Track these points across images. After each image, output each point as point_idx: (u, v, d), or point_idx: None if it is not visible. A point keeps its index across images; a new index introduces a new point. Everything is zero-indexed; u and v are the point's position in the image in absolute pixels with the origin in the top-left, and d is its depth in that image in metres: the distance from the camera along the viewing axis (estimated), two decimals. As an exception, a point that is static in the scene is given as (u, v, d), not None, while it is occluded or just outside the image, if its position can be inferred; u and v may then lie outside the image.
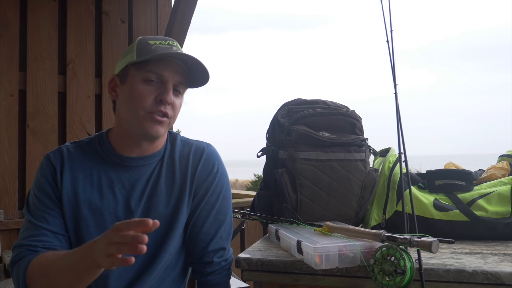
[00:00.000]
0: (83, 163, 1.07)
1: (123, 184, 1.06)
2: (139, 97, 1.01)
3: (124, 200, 1.06)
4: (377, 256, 0.93)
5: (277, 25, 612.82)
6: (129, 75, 1.03)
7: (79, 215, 1.04)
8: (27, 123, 2.54)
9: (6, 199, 2.45)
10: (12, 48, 2.51)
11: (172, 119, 1.05)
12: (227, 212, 1.15)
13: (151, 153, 1.10)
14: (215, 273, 1.12)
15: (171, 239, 1.08)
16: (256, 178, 13.87)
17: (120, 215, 1.05)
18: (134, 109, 1.01)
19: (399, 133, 1.08)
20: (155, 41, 1.05)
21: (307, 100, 1.39)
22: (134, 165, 1.08)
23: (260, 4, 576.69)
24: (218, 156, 1.17)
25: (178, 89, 1.05)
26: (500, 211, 1.19)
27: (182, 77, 1.05)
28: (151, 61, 1.01)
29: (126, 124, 1.06)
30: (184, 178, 1.10)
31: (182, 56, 1.02)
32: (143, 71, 1.01)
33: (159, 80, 1.02)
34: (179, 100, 1.06)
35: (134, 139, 1.06)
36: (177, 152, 1.13)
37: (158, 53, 1.00)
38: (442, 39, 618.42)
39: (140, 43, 1.05)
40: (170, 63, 1.02)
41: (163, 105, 1.01)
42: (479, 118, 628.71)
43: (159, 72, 1.01)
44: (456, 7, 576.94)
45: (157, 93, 1.01)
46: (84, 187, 1.05)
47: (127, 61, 1.03)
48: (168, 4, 3.08)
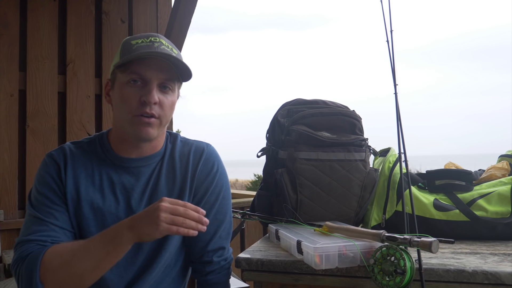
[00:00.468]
0: (84, 163, 1.07)
1: (123, 185, 1.07)
2: (125, 100, 1.00)
3: (125, 201, 1.06)
4: (377, 256, 0.93)
5: (278, 25, 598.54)
6: (116, 78, 1.03)
7: (81, 214, 1.04)
8: (27, 123, 2.54)
9: (6, 199, 2.46)
10: (12, 48, 2.51)
11: (162, 118, 1.03)
12: (226, 212, 1.15)
13: (150, 154, 1.10)
14: (214, 272, 1.13)
15: (171, 238, 1.08)
16: (256, 178, 13.87)
17: (121, 215, 1.05)
18: (123, 113, 1.01)
19: (399, 133, 1.08)
20: (137, 40, 1.03)
21: (307, 100, 1.39)
22: (134, 166, 1.08)
23: (260, 4, 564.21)
24: (217, 156, 1.17)
25: (167, 85, 1.02)
26: (500, 211, 1.19)
27: (168, 74, 1.02)
28: (133, 61, 0.99)
29: (121, 128, 1.06)
30: (184, 178, 1.10)
31: (160, 54, 0.99)
32: (127, 73, 1.00)
33: (142, 80, 1.00)
34: (169, 97, 1.03)
35: (131, 141, 1.06)
36: (177, 152, 1.13)
37: (138, 52, 0.98)
38: (442, 39, 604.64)
39: (123, 45, 1.04)
40: (152, 61, 1.00)
41: (148, 105, 0.99)
42: (479, 118, 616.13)
43: (140, 72, 0.99)
44: (456, 7, 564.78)
45: (141, 94, 0.99)
46: (86, 186, 1.05)
47: (113, 65, 1.03)
48: (168, 4, 3.09)
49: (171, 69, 1.02)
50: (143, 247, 1.06)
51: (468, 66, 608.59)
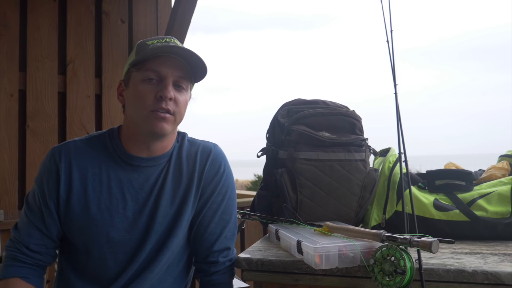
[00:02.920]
0: (91, 160, 1.08)
1: (132, 185, 1.07)
2: (141, 97, 1.02)
3: (133, 200, 1.07)
4: (377, 256, 0.93)
5: (280, 25, 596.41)
6: (131, 77, 1.05)
7: (88, 214, 1.05)
8: (27, 123, 2.54)
9: (6, 199, 2.45)
10: (12, 48, 2.50)
11: (177, 115, 1.05)
12: (232, 212, 1.16)
13: (160, 154, 1.10)
14: (219, 272, 1.13)
15: (174, 237, 1.09)
16: (256, 178, 13.87)
17: (129, 215, 1.07)
18: (138, 110, 1.03)
19: (399, 133, 1.08)
20: (152, 40, 1.06)
21: (307, 100, 1.39)
22: (144, 165, 1.09)
23: (263, 4, 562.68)
24: (224, 156, 1.18)
25: (181, 85, 1.05)
26: (500, 211, 1.19)
27: (182, 72, 1.05)
28: (149, 59, 1.02)
29: (133, 126, 1.07)
30: (191, 177, 1.11)
31: (177, 50, 1.02)
32: (142, 71, 1.02)
33: (158, 77, 1.02)
34: (182, 96, 1.06)
35: (143, 140, 1.07)
36: (185, 151, 1.14)
37: (155, 48, 1.01)
38: (442, 39, 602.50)
39: (139, 46, 1.07)
40: (167, 59, 1.02)
41: (164, 101, 1.01)
42: (479, 118, 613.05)
43: (156, 69, 1.02)
44: (456, 7, 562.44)
45: (157, 91, 1.02)
46: (94, 186, 1.06)
47: (128, 64, 1.05)
48: (168, 4, 3.08)
49: (186, 68, 1.05)
50: (145, 245, 1.07)
51: (468, 66, 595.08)
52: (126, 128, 1.11)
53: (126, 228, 1.06)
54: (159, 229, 1.08)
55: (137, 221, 1.07)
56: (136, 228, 1.07)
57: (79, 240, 1.07)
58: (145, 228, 1.07)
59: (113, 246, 1.06)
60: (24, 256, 1.07)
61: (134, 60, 1.03)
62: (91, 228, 1.05)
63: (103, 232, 1.05)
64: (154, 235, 1.08)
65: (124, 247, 1.07)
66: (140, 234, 1.07)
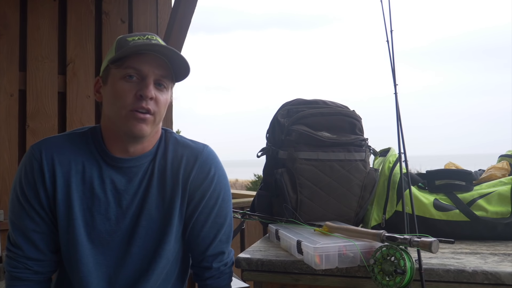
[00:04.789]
0: (74, 156, 1.03)
1: (114, 185, 1.03)
2: (120, 95, 0.97)
3: (115, 201, 1.03)
4: (377, 256, 0.93)
5: (281, 25, 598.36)
6: (110, 74, 1.00)
7: (72, 213, 1.01)
8: (27, 123, 2.54)
9: (6, 199, 2.45)
10: (12, 48, 2.50)
11: (157, 116, 1.00)
12: (226, 215, 1.12)
13: (142, 153, 1.05)
14: (213, 278, 1.11)
15: (166, 244, 1.05)
16: (256, 178, 13.86)
17: (111, 216, 1.03)
18: (117, 108, 0.98)
19: (399, 133, 1.08)
20: (133, 37, 1.02)
21: (307, 100, 1.39)
22: (127, 166, 1.04)
23: (265, 3, 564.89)
24: (214, 158, 1.12)
25: (162, 83, 1.00)
26: (500, 211, 1.19)
27: (164, 71, 1.00)
28: (129, 56, 0.97)
29: (112, 125, 1.02)
30: (175, 181, 1.06)
31: (159, 48, 0.97)
32: (122, 68, 0.97)
33: (139, 75, 0.98)
34: (163, 95, 1.01)
35: (123, 140, 1.02)
36: (170, 152, 1.08)
37: (136, 45, 0.97)
38: (443, 39, 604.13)
39: (118, 42, 1.02)
40: (148, 56, 0.98)
41: (144, 100, 0.96)
42: (479, 118, 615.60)
43: (137, 66, 0.97)
44: (456, 7, 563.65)
45: (137, 89, 0.97)
46: (77, 183, 1.02)
47: (107, 61, 1.01)
48: (168, 4, 3.08)
49: (167, 67, 1.00)
50: (131, 248, 1.04)
51: (469, 66, 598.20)
52: (104, 127, 1.05)
53: (107, 230, 1.02)
54: (143, 233, 1.04)
55: (120, 223, 1.03)
56: (119, 230, 1.03)
57: (66, 243, 1.03)
58: (128, 231, 1.03)
59: (94, 247, 1.02)
60: (25, 271, 1.03)
61: (114, 56, 0.97)
62: (76, 229, 1.01)
63: (85, 234, 1.01)
64: (146, 241, 1.04)
65: (106, 249, 1.03)
66: (124, 236, 1.03)
